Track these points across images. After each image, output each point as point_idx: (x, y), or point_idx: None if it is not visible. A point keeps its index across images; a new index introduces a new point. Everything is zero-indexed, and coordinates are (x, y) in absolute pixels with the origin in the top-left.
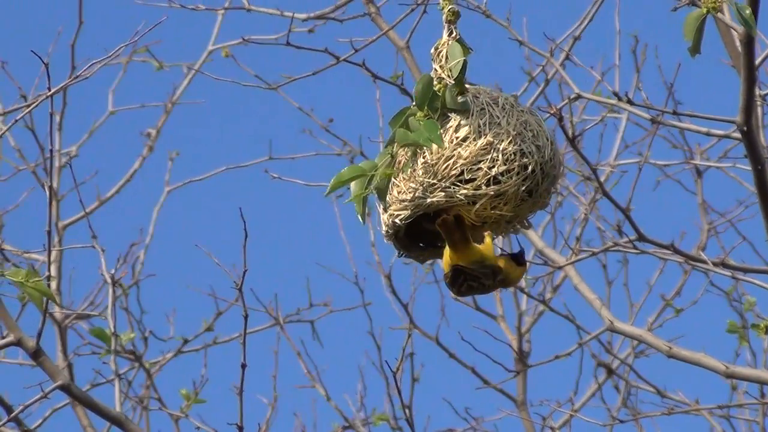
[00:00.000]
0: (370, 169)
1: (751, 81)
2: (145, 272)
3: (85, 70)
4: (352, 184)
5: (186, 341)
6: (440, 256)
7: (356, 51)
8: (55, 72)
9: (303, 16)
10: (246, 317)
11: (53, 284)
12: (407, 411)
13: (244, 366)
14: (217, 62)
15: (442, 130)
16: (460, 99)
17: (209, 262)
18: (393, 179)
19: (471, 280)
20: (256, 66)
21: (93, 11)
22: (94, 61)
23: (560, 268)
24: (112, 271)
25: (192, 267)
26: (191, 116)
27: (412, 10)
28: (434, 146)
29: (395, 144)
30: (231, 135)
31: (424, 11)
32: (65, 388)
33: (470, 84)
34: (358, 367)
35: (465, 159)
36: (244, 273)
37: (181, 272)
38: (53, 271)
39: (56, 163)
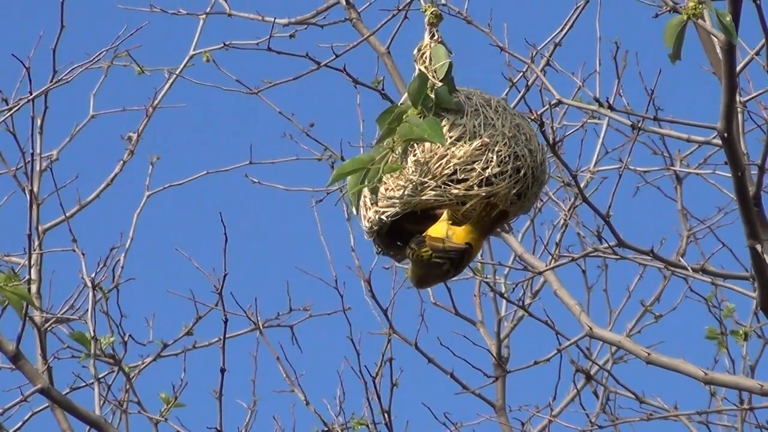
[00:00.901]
0: (369, 162)
1: (731, 88)
2: (125, 276)
3: (66, 74)
4: (349, 178)
5: (165, 345)
6: None
7: (337, 56)
8: (36, 76)
9: (284, 21)
10: (226, 321)
11: (33, 288)
12: (386, 416)
13: (223, 370)
14: (199, 67)
15: None
16: (453, 99)
17: (189, 266)
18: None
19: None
20: (237, 71)
21: (75, 15)
22: (75, 65)
23: (540, 273)
24: (92, 275)
25: (172, 271)
26: (172, 120)
27: (393, 15)
28: (427, 144)
29: (394, 139)
30: (212, 139)
31: (405, 17)
32: (45, 392)
33: (460, 87)
34: (337, 371)
35: (459, 159)
36: (224, 277)
37: (161, 276)
38: (33, 275)
39: (37, 167)
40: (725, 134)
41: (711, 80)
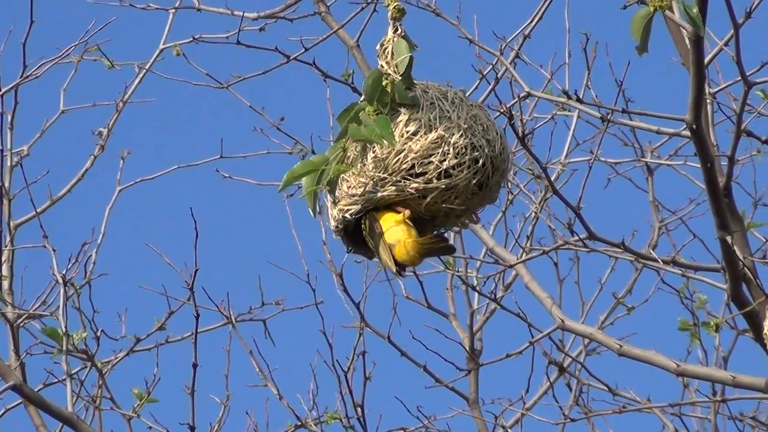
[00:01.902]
0: (322, 164)
1: (700, 79)
2: (97, 271)
3: (36, 69)
4: (304, 180)
5: (138, 340)
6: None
7: (306, 50)
8: (6, 71)
9: (253, 15)
10: (197, 316)
11: (5, 284)
12: (359, 410)
13: (195, 365)
14: (169, 61)
15: (392, 125)
16: (409, 94)
17: (161, 261)
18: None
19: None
20: (207, 65)
21: (44, 10)
22: (45, 60)
23: (511, 266)
24: (64, 271)
25: (144, 266)
26: (143, 115)
27: (362, 8)
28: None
29: (347, 138)
30: (182, 134)
31: (374, 10)
32: (17, 389)
33: (417, 81)
34: (310, 365)
35: (416, 153)
36: (195, 272)
37: (133, 271)
38: (5, 271)
39: (7, 163)
40: (694, 126)
41: (680, 71)
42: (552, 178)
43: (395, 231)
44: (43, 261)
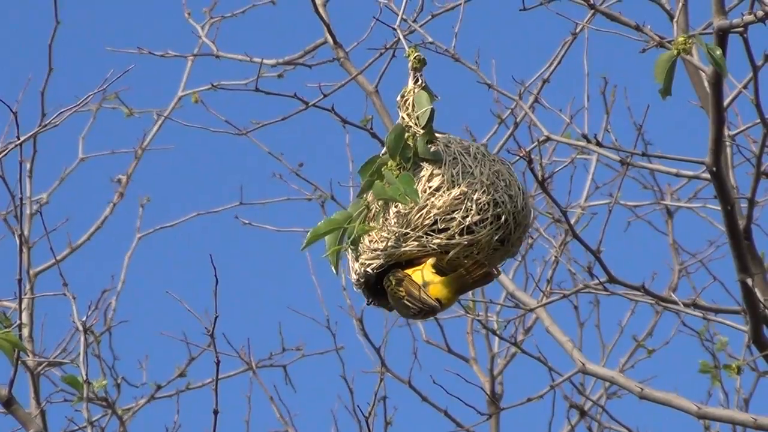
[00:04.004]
0: (345, 221)
1: (719, 122)
2: (117, 319)
3: (54, 118)
4: (327, 238)
5: (159, 387)
6: None
7: (325, 96)
8: (24, 119)
9: (272, 61)
10: (218, 363)
11: (25, 331)
12: None
13: (216, 412)
14: (187, 108)
15: (415, 181)
16: (431, 148)
17: (181, 308)
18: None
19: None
20: (225, 112)
21: (63, 58)
22: (63, 109)
23: (532, 310)
24: (84, 319)
25: (164, 313)
26: (162, 162)
27: (381, 54)
28: None
29: (370, 194)
30: (201, 181)
31: (393, 56)
32: None
33: (439, 132)
34: (331, 411)
35: (439, 209)
36: (216, 319)
37: (153, 318)
38: (25, 319)
39: (27, 211)
40: (714, 168)
41: (699, 114)
42: (572, 222)
43: (424, 274)
44: (62, 309)
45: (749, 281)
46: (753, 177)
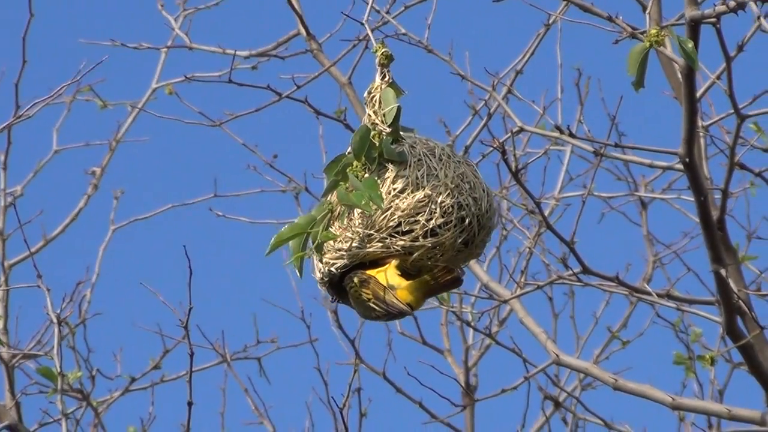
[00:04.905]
0: (308, 225)
1: (692, 113)
2: (91, 311)
3: (28, 109)
4: (291, 243)
5: (133, 379)
6: None
7: (298, 87)
8: None
9: (245, 53)
10: (192, 355)
11: (0, 324)
12: None
13: (190, 404)
14: (161, 100)
15: (380, 182)
16: (397, 149)
17: (155, 300)
18: (329, 227)
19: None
20: (199, 103)
21: (37, 51)
22: (37, 101)
23: (506, 301)
24: (58, 311)
25: (138, 305)
26: (136, 154)
27: (354, 46)
28: None
29: (334, 195)
30: (176, 173)
31: (366, 47)
32: (13, 428)
33: (405, 130)
34: (305, 403)
35: (403, 211)
36: (190, 311)
37: (127, 310)
38: (0, 311)
39: (1, 203)
40: (687, 159)
41: (673, 105)
42: (546, 213)
43: (389, 275)
44: (37, 301)
45: (723, 272)
46: (726, 168)
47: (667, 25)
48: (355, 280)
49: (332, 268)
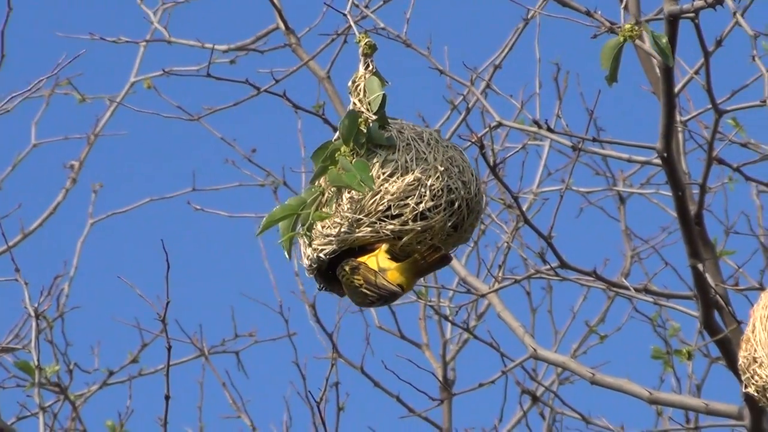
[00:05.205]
0: (299, 207)
1: (670, 107)
2: (69, 305)
3: (6, 103)
4: (281, 224)
5: (111, 373)
6: None
7: (277, 81)
8: None
9: (223, 47)
10: (170, 349)
11: None
12: None
13: (168, 398)
14: (140, 94)
15: (369, 166)
16: (385, 134)
17: (133, 293)
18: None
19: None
20: (178, 98)
21: (15, 44)
22: (15, 94)
23: (484, 296)
24: (36, 304)
25: (116, 299)
26: (114, 148)
27: (332, 40)
28: None
29: (323, 179)
30: (154, 167)
31: (345, 41)
32: None
33: (392, 118)
34: (283, 397)
35: (392, 195)
36: (167, 304)
37: (105, 304)
38: None
39: None
40: (665, 154)
41: (651, 99)
42: (524, 208)
43: (379, 260)
44: (15, 294)
45: (700, 266)
46: (705, 163)
47: (644, 20)
48: (347, 268)
49: (321, 254)
